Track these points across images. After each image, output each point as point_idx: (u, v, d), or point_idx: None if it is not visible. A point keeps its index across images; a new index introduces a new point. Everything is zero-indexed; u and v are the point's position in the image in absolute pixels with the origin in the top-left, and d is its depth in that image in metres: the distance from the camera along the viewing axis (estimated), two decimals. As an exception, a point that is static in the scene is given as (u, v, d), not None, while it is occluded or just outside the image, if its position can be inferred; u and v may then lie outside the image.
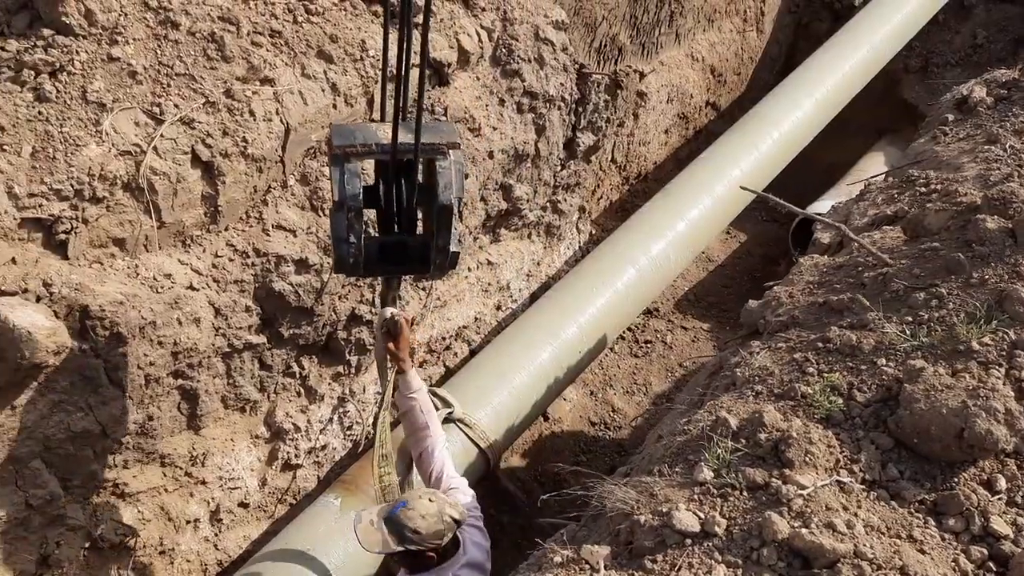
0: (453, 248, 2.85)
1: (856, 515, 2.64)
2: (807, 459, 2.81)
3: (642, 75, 7.49)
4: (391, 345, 3.28)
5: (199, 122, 3.63)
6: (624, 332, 6.77)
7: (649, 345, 6.90)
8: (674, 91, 8.16)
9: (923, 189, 4.47)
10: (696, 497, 2.78)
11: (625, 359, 6.73)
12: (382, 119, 3.07)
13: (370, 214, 3.05)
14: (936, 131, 5.32)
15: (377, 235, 2.97)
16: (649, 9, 7.39)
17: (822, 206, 6.98)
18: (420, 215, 3.03)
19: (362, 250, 2.73)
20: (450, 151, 2.74)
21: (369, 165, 3.22)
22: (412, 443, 3.53)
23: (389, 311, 3.22)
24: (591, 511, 3.07)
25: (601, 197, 7.79)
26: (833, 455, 2.86)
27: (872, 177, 5.51)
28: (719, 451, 2.89)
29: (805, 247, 5.75)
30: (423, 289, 5.03)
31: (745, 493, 2.77)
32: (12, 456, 3.26)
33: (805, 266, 4.34)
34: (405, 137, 2.63)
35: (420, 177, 2.85)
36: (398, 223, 2.89)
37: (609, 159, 7.63)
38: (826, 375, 3.22)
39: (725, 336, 6.44)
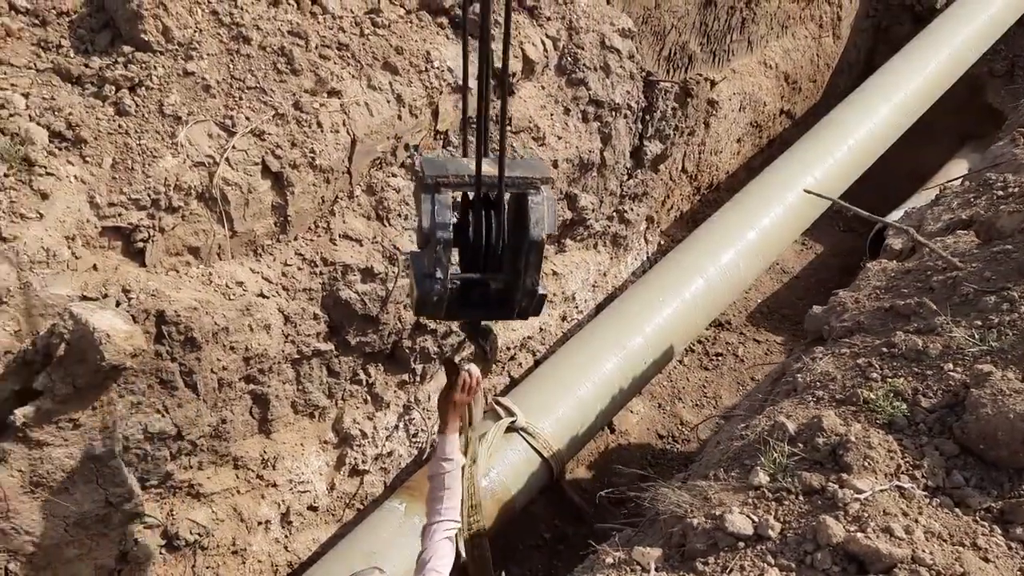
0: (541, 291, 2.67)
1: (916, 521, 2.56)
2: (866, 464, 2.74)
3: (713, 83, 7.41)
4: (458, 397, 3.03)
5: (269, 134, 3.74)
6: (694, 344, 6.69)
7: (720, 358, 6.79)
8: (746, 99, 8.04)
9: (1000, 192, 4.31)
10: (750, 501, 2.75)
11: (695, 372, 6.64)
12: (464, 154, 3.04)
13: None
14: (1015, 133, 5.13)
15: (459, 274, 2.86)
16: (720, 16, 7.31)
17: (900, 215, 6.78)
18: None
19: (447, 288, 2.59)
20: (543, 187, 2.59)
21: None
22: (427, 509, 3.35)
23: (469, 365, 3.02)
24: (647, 516, 3.05)
25: (671, 207, 7.72)
26: (894, 460, 2.78)
27: (949, 181, 5.32)
28: (775, 455, 2.85)
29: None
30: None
31: (801, 497, 2.72)
32: (93, 455, 3.39)
33: (873, 271, 4.23)
34: (495, 171, 2.53)
35: (508, 212, 2.70)
36: (484, 263, 2.73)
37: (679, 169, 7.56)
38: (890, 380, 3.14)
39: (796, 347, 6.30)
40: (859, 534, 2.49)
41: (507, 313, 2.78)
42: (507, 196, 2.62)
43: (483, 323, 3.16)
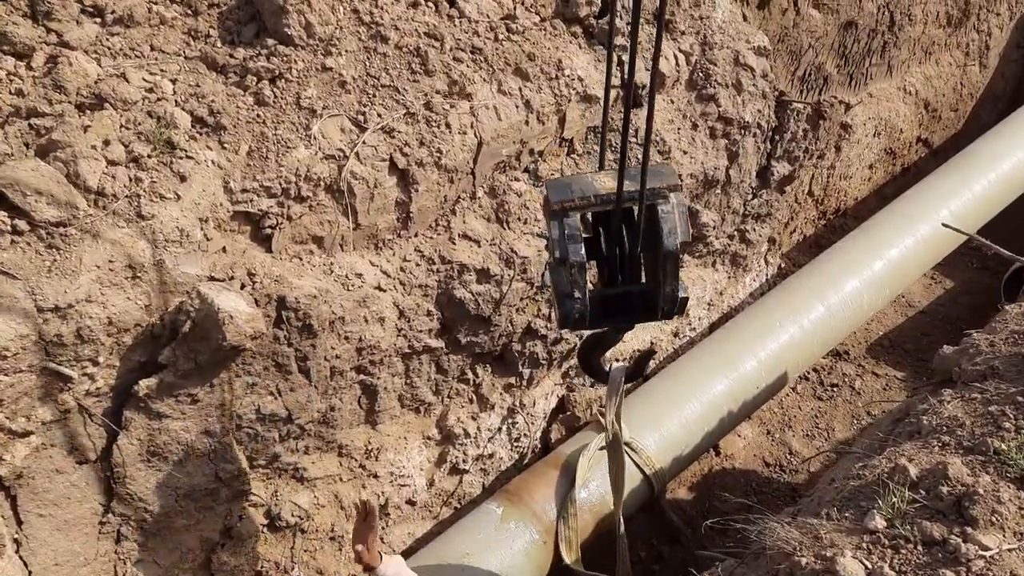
0: (682, 294, 2.69)
1: (1048, 586, 2.36)
2: (993, 519, 2.55)
3: (848, 106, 7.13)
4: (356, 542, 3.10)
5: (399, 131, 3.80)
6: (808, 372, 6.44)
7: (835, 389, 6.50)
8: (882, 125, 7.70)
9: None
10: (864, 545, 2.59)
11: (808, 401, 6.38)
12: (600, 167, 3.03)
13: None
14: None
15: (599, 287, 2.87)
16: (860, 39, 7.03)
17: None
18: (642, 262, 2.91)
19: (587, 304, 2.65)
20: (671, 194, 2.61)
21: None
22: None
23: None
24: (753, 549, 2.92)
25: (794, 231, 7.46)
26: (1025, 518, 2.58)
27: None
28: (895, 500, 2.68)
29: (1014, 298, 5.25)
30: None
31: (919, 547, 2.55)
32: (207, 430, 3.51)
33: (1011, 314, 3.97)
34: (624, 185, 2.54)
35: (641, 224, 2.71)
36: (621, 274, 2.78)
37: (806, 191, 7.30)
38: (1024, 432, 2.92)
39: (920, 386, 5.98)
40: (982, 594, 2.31)
41: (650, 316, 2.79)
42: (636, 208, 2.59)
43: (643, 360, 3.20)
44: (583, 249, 2.59)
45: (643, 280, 2.81)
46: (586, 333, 3.24)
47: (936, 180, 6.87)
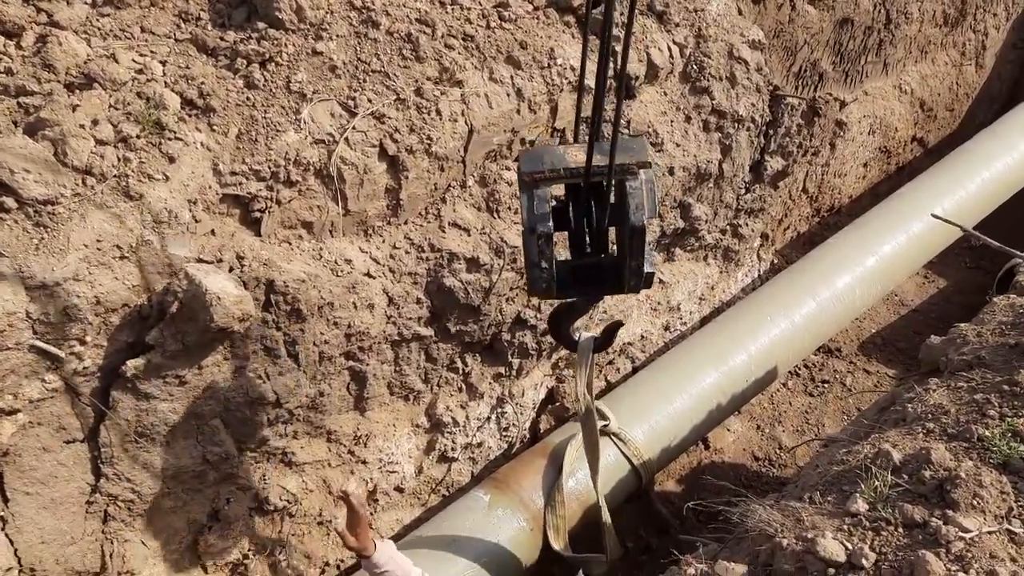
0: (647, 269, 2.74)
1: (1025, 567, 2.38)
2: (975, 502, 2.57)
3: (843, 104, 7.14)
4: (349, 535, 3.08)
5: (389, 118, 3.81)
6: (800, 368, 6.45)
7: (826, 385, 6.52)
8: (877, 123, 7.71)
9: None
10: (845, 527, 2.61)
11: (798, 396, 6.39)
12: (575, 140, 3.06)
13: (562, 236, 2.98)
14: None
15: (569, 258, 2.90)
16: (856, 36, 7.03)
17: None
18: (613, 235, 2.96)
19: (554, 275, 2.70)
20: (640, 171, 2.63)
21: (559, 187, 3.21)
22: None
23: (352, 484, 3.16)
24: (736, 532, 2.94)
25: (788, 227, 7.47)
26: (1006, 502, 2.60)
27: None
28: (877, 483, 2.71)
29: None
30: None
31: (900, 529, 2.57)
32: (195, 412, 3.52)
33: (999, 306, 3.99)
34: (595, 159, 2.58)
35: (612, 198, 2.78)
36: (590, 245, 2.86)
37: (800, 188, 7.31)
38: (1009, 419, 2.93)
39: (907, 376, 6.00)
40: (961, 574, 2.33)
41: (618, 289, 2.85)
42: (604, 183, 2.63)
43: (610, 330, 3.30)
44: (551, 221, 2.63)
45: (613, 253, 2.87)
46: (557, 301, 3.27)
47: (930, 178, 6.89)
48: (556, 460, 4.40)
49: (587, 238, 2.80)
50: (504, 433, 4.99)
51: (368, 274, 3.96)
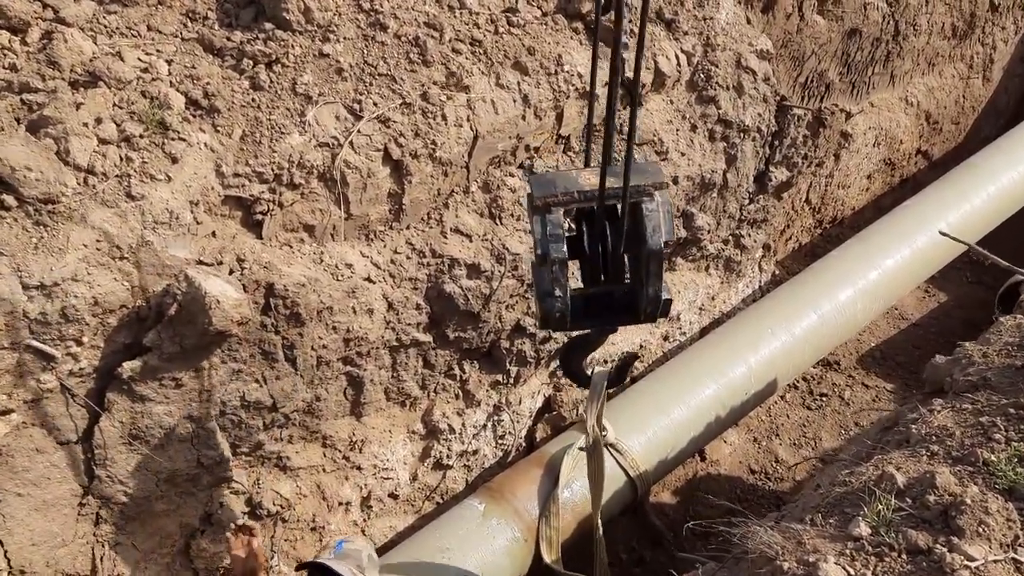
0: (665, 296, 2.66)
1: (1033, 601, 2.35)
2: (980, 530, 2.54)
3: (848, 115, 7.12)
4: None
5: (394, 122, 3.77)
6: (798, 381, 6.42)
7: (824, 398, 6.49)
8: (882, 135, 7.69)
9: None
10: (848, 552, 2.58)
11: (796, 409, 6.37)
12: (586, 164, 3.00)
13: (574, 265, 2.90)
14: None
15: (581, 287, 2.81)
16: (864, 47, 7.01)
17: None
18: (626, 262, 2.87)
19: (568, 304, 2.62)
20: (656, 192, 2.56)
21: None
22: None
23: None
24: (735, 552, 2.91)
25: (790, 238, 7.45)
26: (1012, 530, 2.57)
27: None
28: (880, 507, 2.68)
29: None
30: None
31: (904, 556, 2.54)
32: (191, 415, 3.49)
33: (1006, 326, 3.97)
34: (609, 182, 2.50)
35: (625, 223, 2.68)
36: (604, 273, 2.76)
37: (803, 199, 7.29)
38: (1015, 444, 2.91)
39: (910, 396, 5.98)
40: (967, 607, 2.31)
41: (633, 318, 2.77)
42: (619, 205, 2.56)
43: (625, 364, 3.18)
44: (565, 246, 2.56)
45: (627, 281, 2.79)
46: (573, 334, 3.21)
47: (935, 192, 6.87)
48: (552, 471, 4.38)
49: (602, 265, 2.71)
50: (500, 441, 4.96)
51: (368, 279, 3.93)
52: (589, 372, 3.31)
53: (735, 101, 5.30)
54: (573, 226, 2.73)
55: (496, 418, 4.86)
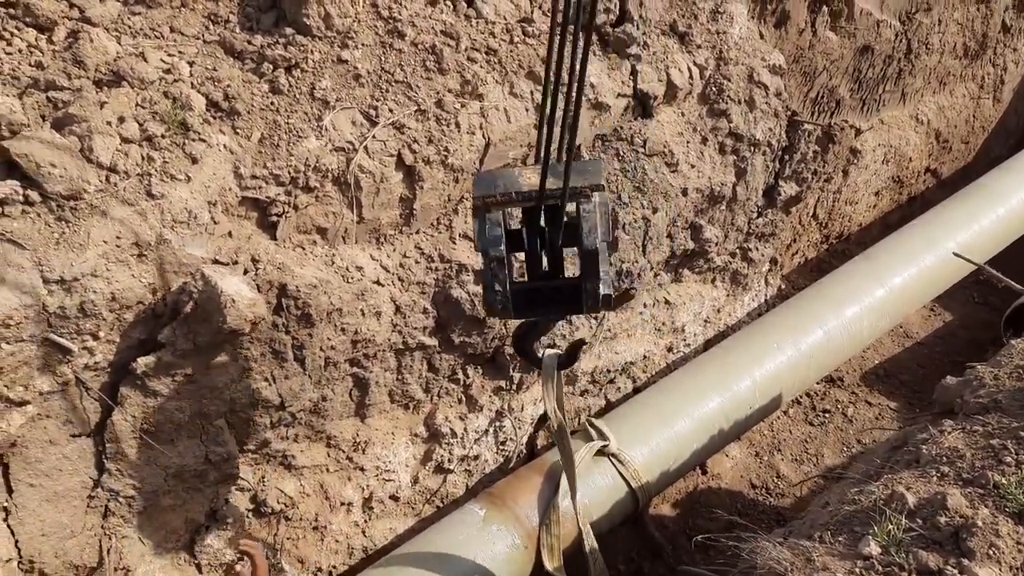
0: (603, 291, 2.73)
1: (1038, 624, 2.38)
2: (990, 552, 2.57)
3: (858, 131, 7.16)
4: None
5: (408, 128, 3.82)
6: (800, 397, 6.45)
7: (827, 415, 6.51)
8: (891, 152, 7.72)
9: None
10: (857, 571, 2.62)
11: (799, 425, 6.39)
12: (537, 161, 3.04)
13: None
14: None
15: (526, 279, 2.90)
16: (875, 64, 7.05)
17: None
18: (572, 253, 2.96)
19: (509, 296, 2.72)
20: (594, 193, 2.63)
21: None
22: None
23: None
24: (741, 567, 2.94)
25: (796, 252, 7.49)
26: (1022, 553, 2.60)
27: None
28: (890, 527, 2.70)
29: (1019, 335, 5.26)
30: (594, 318, 5.02)
31: (913, 576, 2.57)
32: (201, 411, 3.54)
33: (1017, 349, 3.99)
34: (549, 182, 2.57)
35: (567, 218, 2.77)
36: (546, 267, 2.86)
37: (810, 214, 7.32)
38: (1026, 467, 2.94)
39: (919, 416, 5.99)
40: (976, 629, 2.34)
41: (577, 309, 2.85)
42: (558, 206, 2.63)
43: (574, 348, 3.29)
44: (502, 244, 2.64)
45: (572, 275, 2.87)
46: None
47: (944, 211, 6.90)
48: (553, 478, 4.40)
49: (545, 260, 2.82)
50: (501, 447, 5.00)
51: (377, 282, 3.97)
52: (540, 353, 3.36)
53: (746, 115, 5.34)
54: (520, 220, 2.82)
55: (498, 424, 4.90)
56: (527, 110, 4.21)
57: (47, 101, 3.07)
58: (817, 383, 6.41)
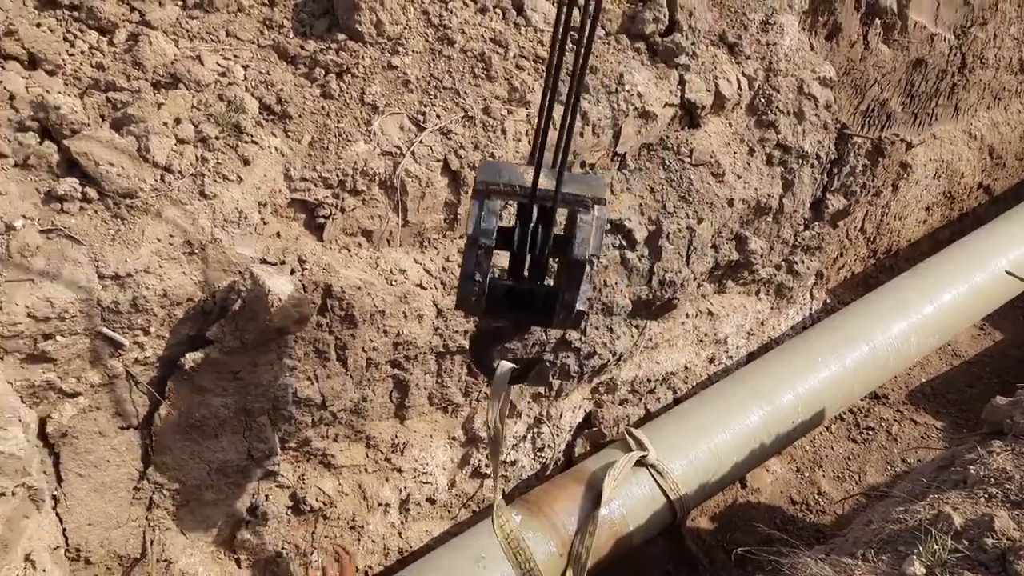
0: (579, 307, 2.66)
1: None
2: (1037, 576, 2.51)
3: (909, 145, 7.04)
4: None
5: (455, 134, 3.86)
6: (844, 413, 6.35)
7: (871, 432, 6.41)
8: (943, 167, 7.58)
9: None
10: (901, 591, 2.57)
11: (841, 442, 6.30)
12: (553, 165, 3.03)
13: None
14: None
15: (507, 279, 2.82)
16: (928, 78, 6.94)
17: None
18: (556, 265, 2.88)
19: (485, 290, 2.65)
20: (595, 206, 2.58)
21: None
22: None
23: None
24: (780, 583, 2.91)
25: (842, 267, 7.38)
26: (1068, 578, 2.53)
27: None
28: (936, 547, 2.65)
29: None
30: (636, 327, 5.00)
31: (959, 597, 2.52)
32: (245, 408, 3.60)
33: (1069, 370, 3.89)
34: (550, 184, 2.54)
35: (560, 228, 2.72)
36: (529, 271, 2.78)
37: (858, 228, 7.22)
38: (1075, 492, 2.87)
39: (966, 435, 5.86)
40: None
41: (547, 322, 2.79)
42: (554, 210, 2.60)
43: (528, 364, 3.20)
44: (495, 235, 2.57)
45: (550, 285, 2.81)
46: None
47: (996, 228, 6.77)
48: (592, 487, 4.40)
49: (529, 264, 2.74)
50: (539, 454, 5.00)
51: (420, 285, 4.00)
52: (495, 365, 3.24)
53: (795, 127, 5.29)
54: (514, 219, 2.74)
55: (536, 430, 4.90)
56: (573, 118, 4.20)
57: (107, 101, 3.16)
58: (862, 400, 6.31)
